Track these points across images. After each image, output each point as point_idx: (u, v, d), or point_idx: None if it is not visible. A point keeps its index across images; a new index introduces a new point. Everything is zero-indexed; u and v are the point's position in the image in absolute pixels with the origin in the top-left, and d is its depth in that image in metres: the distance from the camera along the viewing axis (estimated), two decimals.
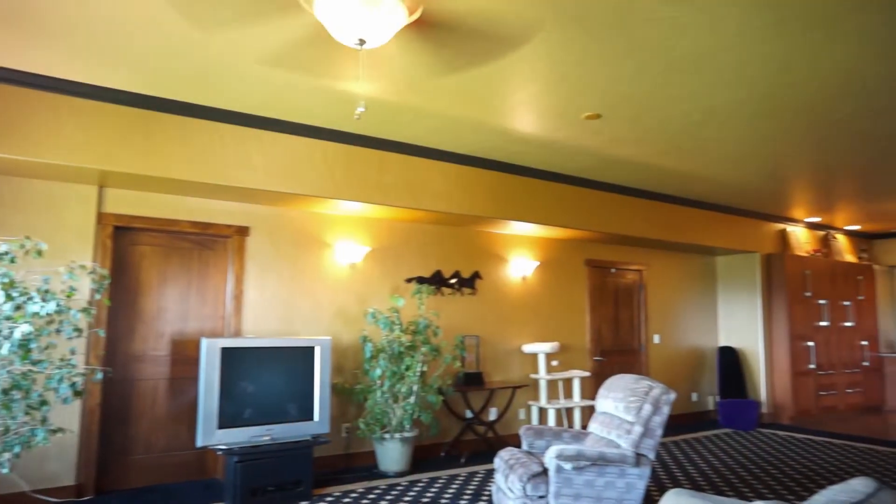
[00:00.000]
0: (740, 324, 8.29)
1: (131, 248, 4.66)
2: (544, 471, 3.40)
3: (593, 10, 2.94)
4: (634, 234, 6.76)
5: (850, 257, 9.39)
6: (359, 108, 3.87)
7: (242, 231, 4.99)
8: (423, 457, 5.69)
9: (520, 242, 6.65)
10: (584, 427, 6.76)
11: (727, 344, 8.41)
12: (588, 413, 6.77)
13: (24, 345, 3.10)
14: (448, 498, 4.35)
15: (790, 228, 8.58)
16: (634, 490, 3.36)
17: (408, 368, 5.03)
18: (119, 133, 4.06)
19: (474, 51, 3.39)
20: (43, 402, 3.28)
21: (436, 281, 5.98)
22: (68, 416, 4.18)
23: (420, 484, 4.74)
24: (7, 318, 3.10)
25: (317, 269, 5.33)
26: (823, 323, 8.41)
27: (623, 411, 3.64)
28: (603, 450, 3.36)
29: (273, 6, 2.92)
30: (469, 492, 4.51)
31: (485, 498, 4.35)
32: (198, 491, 4.47)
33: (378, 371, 4.98)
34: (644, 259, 7.78)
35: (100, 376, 3.69)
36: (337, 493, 4.44)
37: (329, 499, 4.31)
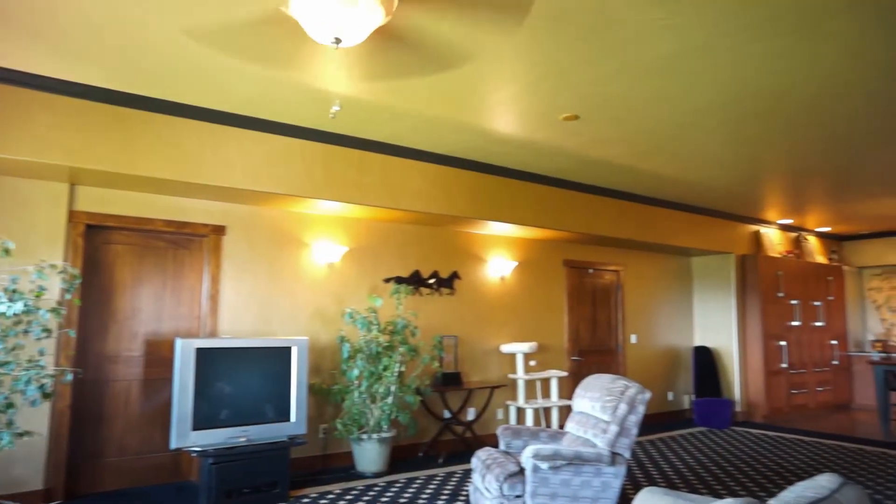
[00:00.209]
0: (715, 324, 8.42)
1: (104, 247, 4.57)
2: (521, 470, 3.42)
3: (570, 12, 2.96)
4: (612, 235, 6.83)
5: (821, 258, 9.59)
6: (334, 107, 3.85)
7: (219, 230, 4.93)
8: (401, 457, 5.68)
9: (498, 243, 6.67)
10: (562, 427, 6.80)
11: (702, 343, 8.54)
12: (566, 413, 6.82)
13: None
14: (425, 498, 4.35)
15: (763, 230, 8.73)
16: (610, 489, 3.39)
17: (385, 369, 5.02)
18: (91, 130, 3.98)
19: (453, 49, 3.39)
20: (9, 405, 3.21)
21: (414, 281, 5.97)
22: (37, 419, 4.08)
23: (398, 484, 4.73)
24: None
25: (294, 269, 5.29)
26: (795, 323, 8.58)
27: (599, 411, 3.67)
28: (579, 449, 3.38)
29: (249, 2, 2.89)
30: (446, 492, 4.52)
31: (462, 498, 4.35)
32: (171, 494, 4.40)
33: (356, 371, 4.96)
34: (621, 259, 7.86)
35: (70, 378, 3.62)
36: (314, 495, 4.41)
37: (305, 500, 4.28)
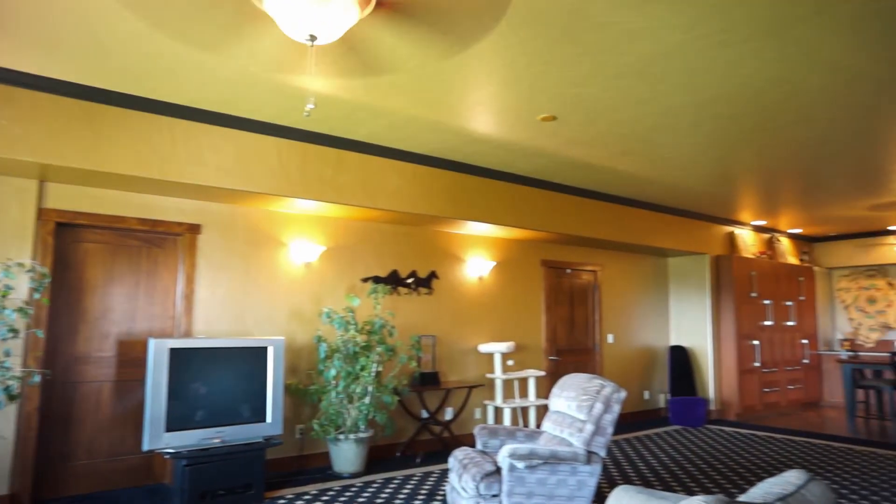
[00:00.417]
0: (690, 323, 8.54)
1: (75, 246, 4.48)
2: (497, 470, 3.43)
3: (544, 13, 2.97)
4: (589, 235, 6.88)
5: (793, 259, 9.79)
6: (308, 105, 3.80)
7: (194, 229, 4.86)
8: (379, 457, 5.66)
9: (476, 242, 6.68)
10: (539, 426, 6.84)
11: (678, 343, 8.65)
12: (543, 412, 6.86)
13: None
14: (402, 498, 4.34)
15: (738, 231, 8.88)
16: (586, 487, 3.42)
17: (363, 368, 5.00)
18: (61, 125, 3.89)
19: (430, 48, 3.39)
20: None
21: (392, 281, 5.96)
22: (2, 422, 3.98)
23: (375, 485, 4.71)
24: None
25: (271, 269, 5.24)
26: (768, 322, 8.74)
27: (575, 410, 3.70)
28: (555, 448, 3.40)
29: None
30: (424, 492, 4.51)
31: (439, 498, 4.35)
32: (143, 497, 4.33)
33: (333, 371, 4.93)
34: (599, 260, 7.93)
35: (37, 379, 3.54)
36: (290, 496, 4.37)
37: (281, 501, 4.24)
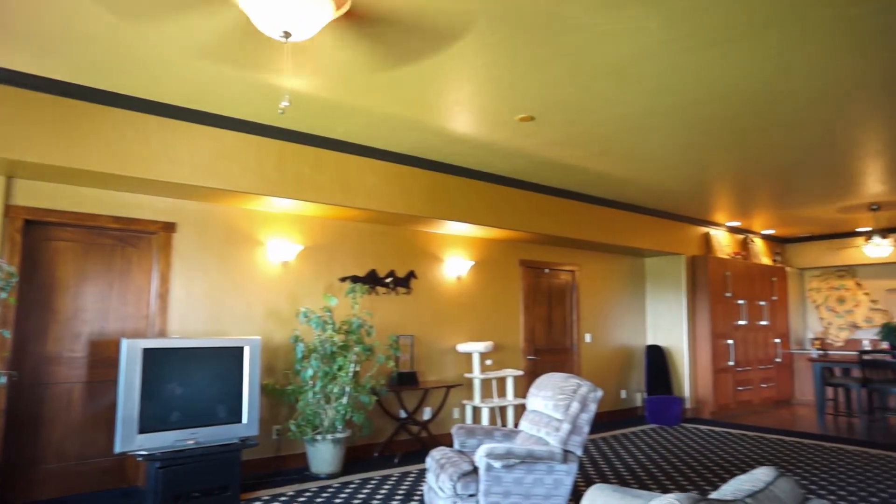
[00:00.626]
0: (667, 323, 8.64)
1: (45, 244, 4.38)
2: (475, 469, 3.43)
3: (520, 13, 2.99)
4: (568, 235, 6.93)
5: (766, 260, 9.97)
6: (282, 103, 3.76)
7: (169, 227, 4.78)
8: (356, 457, 5.63)
9: (455, 242, 6.69)
10: (517, 425, 6.87)
11: (654, 342, 8.76)
12: (521, 411, 6.89)
13: None
14: (380, 499, 4.32)
15: (713, 232, 9.02)
16: (562, 486, 3.44)
17: (340, 368, 4.97)
18: (30, 120, 3.80)
19: (407, 47, 3.38)
20: None
21: (370, 280, 5.93)
22: None
23: (352, 485, 4.69)
24: None
25: (248, 268, 5.18)
26: (742, 322, 8.89)
27: (552, 409, 3.72)
28: (532, 447, 3.42)
29: None
30: (401, 492, 4.50)
31: (417, 498, 4.35)
32: (115, 500, 4.25)
33: (310, 371, 4.89)
34: (577, 260, 7.99)
35: (3, 381, 3.46)
36: (266, 497, 4.33)
37: (258, 503, 4.20)
